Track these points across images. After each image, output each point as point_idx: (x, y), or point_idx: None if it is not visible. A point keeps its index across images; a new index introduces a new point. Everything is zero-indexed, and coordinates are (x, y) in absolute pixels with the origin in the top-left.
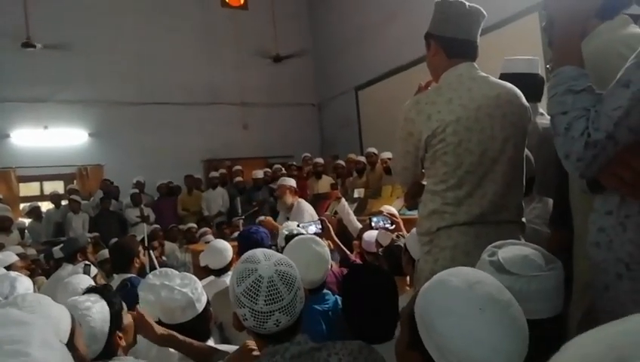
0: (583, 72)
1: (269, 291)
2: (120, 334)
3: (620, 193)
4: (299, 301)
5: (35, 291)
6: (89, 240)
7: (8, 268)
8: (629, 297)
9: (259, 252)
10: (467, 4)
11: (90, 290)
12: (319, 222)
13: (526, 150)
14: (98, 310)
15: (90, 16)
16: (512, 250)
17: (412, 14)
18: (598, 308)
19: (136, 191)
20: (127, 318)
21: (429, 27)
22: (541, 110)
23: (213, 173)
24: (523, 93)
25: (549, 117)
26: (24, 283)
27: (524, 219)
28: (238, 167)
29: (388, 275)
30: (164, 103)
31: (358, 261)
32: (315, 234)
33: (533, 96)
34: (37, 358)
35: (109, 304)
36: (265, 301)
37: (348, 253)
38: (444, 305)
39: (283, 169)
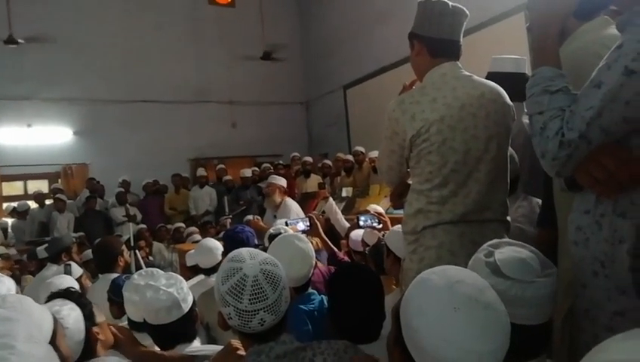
0: (560, 72)
1: (253, 290)
2: (96, 329)
3: (594, 192)
4: (284, 300)
5: (18, 292)
6: (74, 239)
7: None
8: (604, 295)
9: (244, 251)
10: (450, 3)
11: (53, 296)
12: (307, 219)
13: (510, 149)
14: (68, 312)
15: (75, 12)
16: (509, 252)
17: (401, 14)
18: (577, 305)
19: (122, 190)
20: (101, 316)
21: (412, 27)
22: (526, 109)
23: (201, 172)
24: (510, 92)
25: None
26: (6, 284)
27: (508, 218)
28: (222, 166)
29: (374, 275)
30: (151, 101)
31: (346, 259)
32: (303, 231)
33: (520, 95)
34: (22, 351)
35: (78, 305)
36: (249, 300)
37: (336, 250)
38: (420, 304)
39: (271, 168)
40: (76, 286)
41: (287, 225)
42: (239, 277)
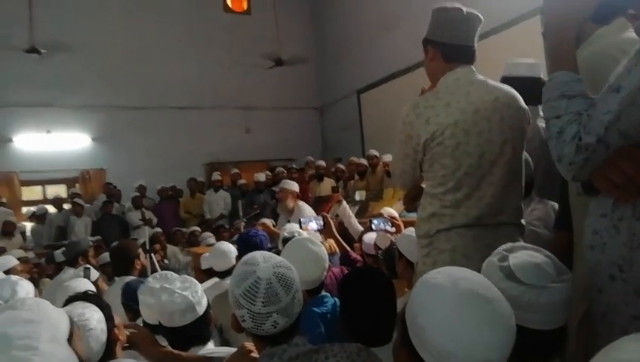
0: (577, 77)
1: (266, 293)
2: (116, 330)
3: (612, 196)
4: (297, 303)
5: (37, 295)
6: (90, 243)
7: (8, 272)
8: (622, 299)
9: (258, 254)
10: (465, 9)
11: (72, 299)
12: (320, 218)
13: (525, 153)
14: (91, 313)
15: (94, 21)
16: (523, 256)
17: (413, 18)
18: (593, 310)
19: (138, 194)
20: (116, 317)
21: (427, 32)
22: (542, 113)
23: (216, 176)
24: (525, 96)
25: None
26: (25, 287)
27: (523, 221)
28: (237, 170)
29: (387, 278)
30: (167, 107)
31: (359, 257)
32: (316, 230)
33: (535, 99)
34: (45, 352)
35: (98, 307)
36: (263, 302)
37: (349, 249)
38: (426, 301)
39: (285, 172)
40: (93, 289)
41: (300, 224)
42: (253, 280)
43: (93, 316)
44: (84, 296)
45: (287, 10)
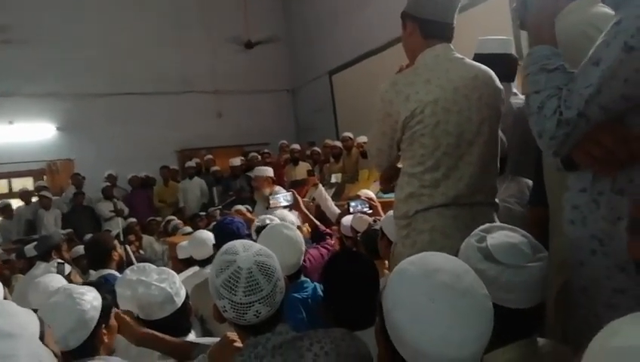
0: (556, 51)
1: (248, 282)
2: (105, 331)
3: (592, 170)
4: (279, 291)
5: (6, 294)
6: (63, 237)
7: None
8: (603, 273)
9: (238, 243)
10: None
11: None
12: (288, 194)
13: (499, 132)
14: (91, 298)
15: (53, 6)
16: (500, 237)
17: None
18: (574, 284)
19: (108, 184)
20: (113, 321)
21: (406, 6)
22: (514, 90)
23: (189, 163)
24: (497, 73)
25: (522, 96)
26: None
27: (497, 200)
28: (210, 156)
29: (369, 261)
30: (134, 94)
31: (328, 231)
32: (285, 206)
33: (507, 76)
34: None
35: (102, 297)
36: (244, 292)
37: (318, 223)
38: (398, 296)
39: (259, 157)
40: (65, 284)
41: (268, 201)
42: (233, 269)
43: (92, 300)
44: (97, 284)
45: None
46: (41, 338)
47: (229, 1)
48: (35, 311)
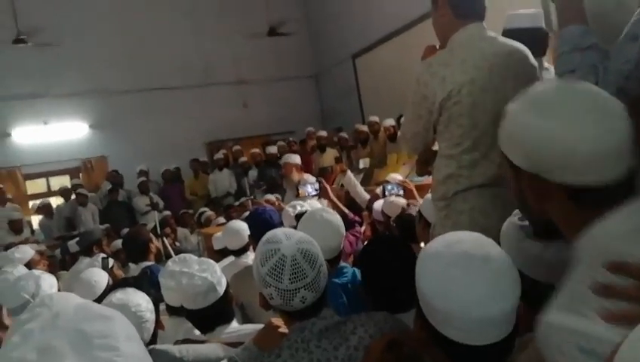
0: (588, 29)
1: (293, 269)
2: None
3: None
4: (322, 276)
5: (59, 287)
6: (103, 231)
7: (27, 264)
8: None
9: (279, 232)
10: None
11: (120, 284)
12: (316, 182)
13: None
14: (145, 305)
15: (77, 6)
16: None
17: None
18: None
19: (144, 179)
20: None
21: None
22: (546, 65)
23: (218, 155)
24: (528, 47)
25: (552, 70)
26: (47, 281)
27: None
28: (238, 147)
29: (405, 244)
30: (160, 88)
31: (357, 219)
32: (312, 195)
33: (538, 50)
34: (125, 352)
35: (147, 294)
36: (290, 279)
37: (346, 211)
38: (423, 268)
39: (285, 146)
40: (105, 279)
41: (297, 191)
42: (278, 257)
43: (148, 306)
44: (135, 283)
45: None
46: None
47: None
48: None
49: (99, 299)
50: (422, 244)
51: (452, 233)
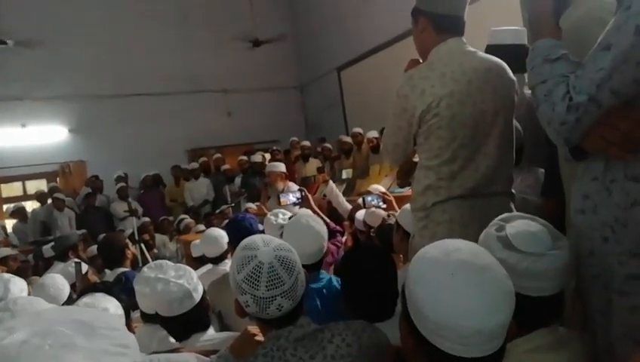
0: (558, 42)
1: (269, 277)
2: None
3: (604, 158)
4: (300, 285)
5: (29, 292)
6: (80, 237)
7: None
8: (615, 259)
9: (257, 238)
10: None
11: (90, 289)
12: (297, 191)
13: (515, 121)
14: (114, 310)
15: (60, 9)
16: (520, 226)
17: None
18: (583, 274)
19: (123, 184)
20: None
21: (417, 3)
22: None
23: (193, 164)
24: (510, 64)
25: None
26: (18, 285)
27: (513, 190)
28: (219, 155)
29: (386, 253)
30: (143, 94)
31: (338, 228)
32: (294, 204)
33: (521, 67)
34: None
35: (117, 299)
36: (266, 286)
37: (328, 220)
38: (419, 275)
39: (269, 154)
40: (67, 284)
41: (279, 198)
42: (254, 264)
43: (116, 311)
44: (104, 287)
45: None
46: None
47: (236, 0)
48: None
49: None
50: (401, 256)
51: (447, 241)
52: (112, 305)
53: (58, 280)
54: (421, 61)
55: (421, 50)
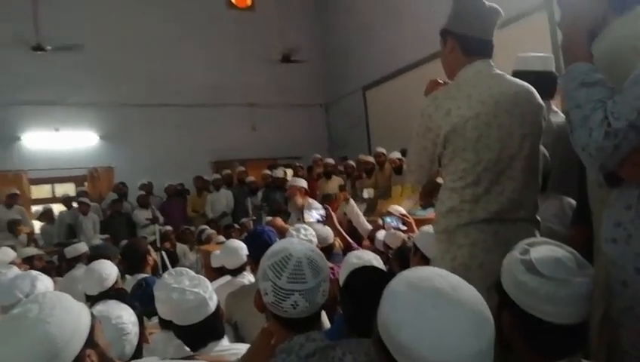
0: (594, 67)
1: (294, 270)
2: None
3: (639, 186)
4: (321, 292)
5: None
6: (119, 253)
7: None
8: None
9: (295, 239)
10: (486, 2)
11: (103, 296)
12: (322, 209)
13: (541, 147)
14: (128, 318)
15: (99, 18)
16: (545, 250)
17: (417, 14)
18: (616, 305)
19: (143, 193)
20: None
21: (445, 23)
22: (554, 108)
23: (215, 175)
24: (538, 90)
25: (562, 115)
26: (44, 282)
27: (538, 217)
28: (242, 168)
29: (387, 275)
30: (172, 105)
31: (358, 248)
32: (318, 221)
33: (547, 93)
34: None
35: (131, 307)
36: (288, 278)
37: (351, 241)
38: (393, 302)
39: (291, 170)
40: (115, 271)
41: (301, 212)
42: (284, 255)
43: (130, 319)
44: (117, 295)
45: (291, 5)
46: (91, 331)
47: (265, 15)
48: None
49: (107, 292)
50: None
51: (420, 268)
52: (125, 313)
53: (107, 267)
54: (448, 82)
55: (448, 71)
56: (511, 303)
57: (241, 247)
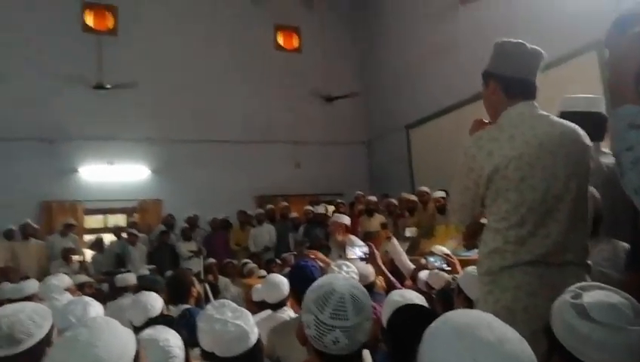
0: None
1: (337, 305)
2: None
3: None
4: (363, 331)
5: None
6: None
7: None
8: None
9: (341, 275)
10: (528, 45)
11: (149, 324)
12: (365, 246)
13: (592, 188)
14: (174, 341)
15: (154, 59)
16: (598, 295)
17: (461, 52)
18: None
19: (187, 226)
20: None
21: (488, 65)
22: (604, 149)
23: (258, 210)
24: (585, 131)
25: (612, 156)
26: (95, 308)
27: (589, 261)
28: (285, 204)
29: (433, 314)
30: (220, 141)
31: (400, 287)
32: (360, 259)
33: (595, 135)
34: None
35: (178, 332)
36: (330, 314)
37: (394, 280)
38: (434, 353)
39: (333, 206)
40: (160, 302)
41: (343, 248)
42: (328, 289)
43: (177, 343)
44: (165, 321)
45: (337, 47)
46: (136, 356)
47: (311, 57)
48: None
49: (155, 319)
50: None
51: (466, 312)
52: (172, 337)
53: (152, 298)
54: (491, 122)
55: (491, 112)
56: (560, 348)
57: (282, 282)
